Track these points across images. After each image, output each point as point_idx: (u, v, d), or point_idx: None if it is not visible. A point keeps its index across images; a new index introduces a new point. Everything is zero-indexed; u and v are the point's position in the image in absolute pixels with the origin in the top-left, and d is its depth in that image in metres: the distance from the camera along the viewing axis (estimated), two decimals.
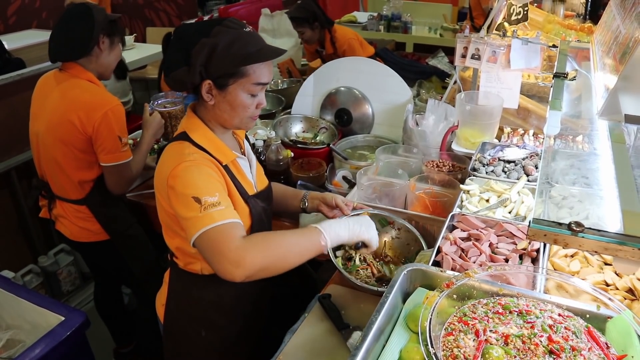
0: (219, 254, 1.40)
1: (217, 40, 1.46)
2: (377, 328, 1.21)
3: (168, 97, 2.59)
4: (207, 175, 1.48)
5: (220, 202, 1.45)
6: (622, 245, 0.89)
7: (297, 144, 2.70)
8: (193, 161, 1.48)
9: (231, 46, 1.47)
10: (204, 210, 1.42)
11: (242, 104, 1.55)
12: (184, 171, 1.46)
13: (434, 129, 2.42)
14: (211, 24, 1.51)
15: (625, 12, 1.62)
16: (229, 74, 1.50)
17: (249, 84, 1.52)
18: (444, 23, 5.64)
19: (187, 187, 1.45)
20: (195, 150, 1.53)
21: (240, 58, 1.48)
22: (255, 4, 4.93)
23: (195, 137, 1.56)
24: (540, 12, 4.10)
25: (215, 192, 1.46)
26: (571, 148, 1.57)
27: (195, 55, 1.46)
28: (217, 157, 1.56)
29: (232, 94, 1.53)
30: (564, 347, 1.10)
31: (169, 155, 1.55)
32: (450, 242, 1.61)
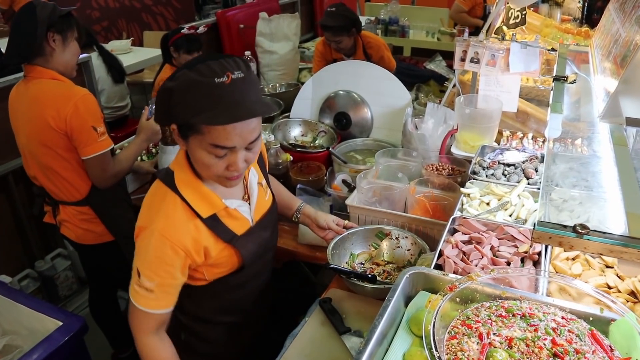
0: (134, 325, 1.50)
1: (174, 85, 1.33)
2: (380, 332, 1.20)
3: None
4: (159, 257, 1.42)
5: (155, 290, 1.44)
6: (627, 247, 0.89)
7: (296, 147, 2.69)
8: (158, 233, 1.41)
9: (186, 93, 1.32)
10: (137, 286, 1.45)
11: (202, 162, 1.41)
12: (143, 240, 1.43)
13: (433, 132, 2.42)
14: (184, 65, 1.37)
15: (625, 16, 1.62)
16: (186, 125, 1.36)
17: (206, 143, 1.35)
18: (442, 27, 5.66)
19: (138, 256, 1.45)
20: (172, 209, 1.44)
21: (191, 111, 1.32)
22: (253, 8, 4.92)
23: (179, 183, 1.47)
24: (538, 17, 4.12)
25: (155, 278, 1.43)
26: (571, 151, 1.57)
27: (157, 97, 1.39)
28: (197, 210, 1.46)
29: (191, 148, 1.41)
30: (568, 350, 1.10)
31: (150, 200, 1.50)
32: (452, 245, 1.61)
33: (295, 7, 6.02)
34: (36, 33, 2.10)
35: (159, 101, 1.39)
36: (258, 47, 4.35)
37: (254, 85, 1.38)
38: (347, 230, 1.95)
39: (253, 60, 3.85)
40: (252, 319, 1.80)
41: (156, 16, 6.98)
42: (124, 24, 6.76)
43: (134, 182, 2.70)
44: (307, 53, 5.01)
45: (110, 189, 2.32)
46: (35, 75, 2.18)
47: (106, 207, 2.39)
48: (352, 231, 1.96)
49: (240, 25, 4.57)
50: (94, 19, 6.45)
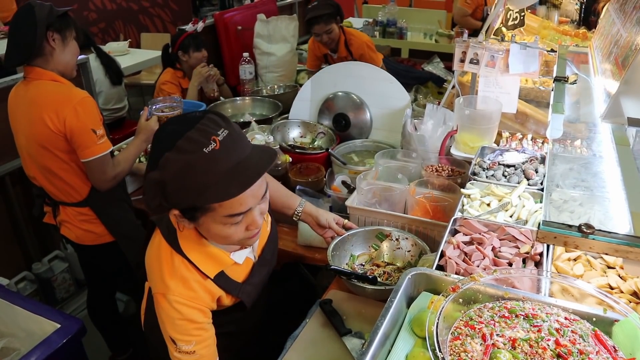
0: None
1: (164, 176, 1.21)
2: (383, 333, 1.19)
3: (167, 101, 2.52)
4: (185, 319, 1.39)
5: (195, 350, 1.41)
6: (633, 246, 0.88)
7: (295, 148, 2.68)
8: (176, 298, 1.38)
9: (181, 180, 1.21)
10: (178, 352, 1.41)
11: (220, 235, 1.35)
12: (166, 309, 1.39)
13: (432, 133, 2.42)
14: (162, 148, 1.23)
15: (625, 17, 1.62)
16: (193, 207, 1.27)
17: (220, 217, 1.29)
18: (439, 29, 5.66)
19: (166, 325, 1.41)
20: (184, 271, 1.40)
21: (195, 194, 1.22)
22: (251, 10, 4.91)
23: (184, 246, 1.41)
24: (535, 18, 4.13)
25: (192, 339, 1.40)
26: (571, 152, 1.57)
27: (147, 192, 1.25)
28: (205, 271, 1.43)
29: (204, 227, 1.34)
30: (572, 350, 1.09)
31: (159, 263, 1.43)
32: (454, 246, 1.60)
33: (293, 9, 6.02)
34: (36, 33, 2.08)
35: (150, 194, 1.25)
36: (256, 48, 4.34)
37: (240, 135, 1.29)
38: (347, 232, 1.94)
39: (251, 62, 3.85)
40: (250, 325, 1.78)
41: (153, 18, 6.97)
42: (121, 25, 6.75)
43: (134, 183, 2.68)
44: (305, 55, 5.00)
45: (110, 190, 2.30)
46: (34, 76, 2.16)
47: (106, 208, 2.38)
48: (352, 232, 1.95)
49: (238, 27, 4.56)
50: (91, 20, 6.44)
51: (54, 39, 2.14)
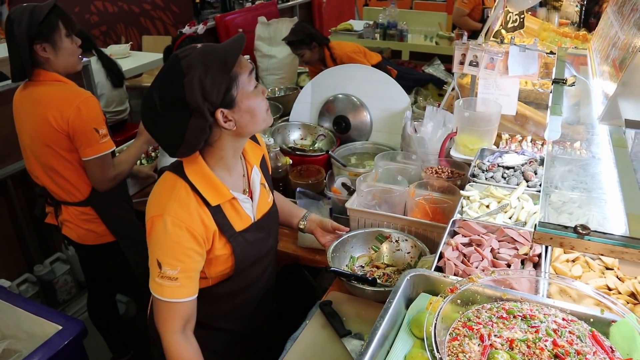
0: (160, 323, 1.48)
1: (195, 71, 1.35)
2: (382, 334, 1.20)
3: None
4: (177, 241, 1.42)
5: (179, 277, 1.43)
6: (628, 247, 0.89)
7: (295, 151, 2.69)
8: (172, 218, 1.41)
9: (208, 63, 1.37)
10: (160, 278, 1.43)
11: (255, 102, 1.45)
12: (159, 228, 1.43)
13: (432, 135, 2.42)
14: (176, 68, 1.38)
15: (623, 19, 1.63)
16: (227, 87, 1.39)
17: (246, 79, 1.43)
18: (440, 31, 5.68)
19: (156, 247, 1.44)
20: (183, 194, 1.45)
21: (223, 67, 1.38)
22: (252, 12, 4.94)
23: (189, 172, 1.48)
24: (536, 20, 4.14)
25: (178, 265, 1.43)
26: (570, 154, 1.58)
27: (191, 99, 1.35)
28: (206, 198, 1.48)
29: (243, 100, 1.43)
30: (569, 351, 1.10)
31: (159, 189, 1.50)
32: (452, 247, 1.61)
33: (294, 11, 6.04)
34: (19, 53, 2.08)
35: (196, 102, 1.35)
36: (257, 51, 4.36)
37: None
38: (347, 233, 1.95)
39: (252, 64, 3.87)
40: (253, 327, 1.79)
41: (155, 21, 6.98)
42: (123, 28, 6.76)
43: (134, 186, 2.70)
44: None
45: (111, 190, 2.31)
46: (39, 78, 2.18)
47: (108, 208, 2.39)
48: (352, 234, 1.96)
49: (239, 29, 4.58)
50: (93, 23, 6.45)
51: (44, 49, 2.12)
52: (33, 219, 3.16)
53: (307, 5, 6.48)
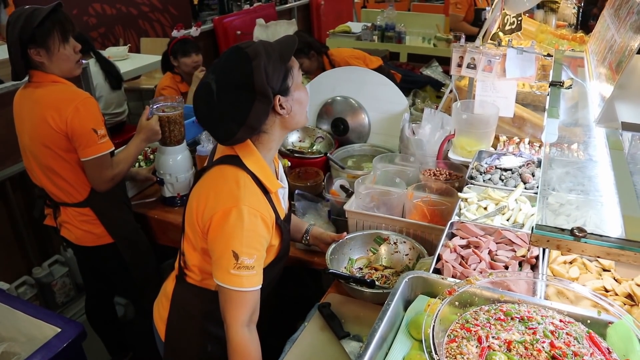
0: (231, 315, 1.48)
1: (261, 58, 1.44)
2: (380, 336, 1.21)
3: (167, 100, 2.51)
4: (253, 230, 1.45)
5: (255, 266, 1.46)
6: (624, 250, 0.90)
7: (294, 153, 2.70)
8: (247, 207, 1.45)
9: (270, 53, 1.48)
10: (237, 269, 1.44)
11: (304, 94, 1.58)
12: (235, 219, 1.44)
13: (430, 137, 2.43)
14: (242, 54, 1.47)
15: (619, 22, 1.64)
16: (285, 75, 1.51)
17: (297, 71, 1.56)
18: (438, 33, 5.68)
19: (231, 238, 1.44)
20: (250, 184, 1.50)
21: (281, 57, 1.50)
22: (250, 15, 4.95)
23: (248, 164, 1.53)
24: (533, 22, 4.15)
25: (255, 253, 1.46)
26: (568, 156, 1.58)
27: (259, 82, 1.43)
28: (267, 185, 1.55)
29: (295, 90, 1.54)
30: (567, 352, 1.11)
31: (223, 183, 1.52)
32: (450, 249, 1.61)
33: (292, 14, 6.05)
34: (14, 57, 2.11)
35: (262, 85, 1.43)
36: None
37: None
38: (346, 236, 1.96)
39: None
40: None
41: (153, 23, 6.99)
42: (121, 30, 6.76)
43: (133, 188, 2.69)
44: None
45: (110, 192, 2.31)
46: (37, 79, 2.18)
47: (106, 209, 2.39)
48: (350, 236, 1.97)
49: (237, 31, 4.59)
50: (91, 25, 6.45)
51: (38, 53, 2.11)
52: (31, 221, 3.16)
53: (305, 7, 6.50)
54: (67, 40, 2.15)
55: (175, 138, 2.49)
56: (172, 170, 2.50)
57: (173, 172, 2.50)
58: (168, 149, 2.51)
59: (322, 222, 2.22)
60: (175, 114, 2.45)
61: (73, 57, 2.20)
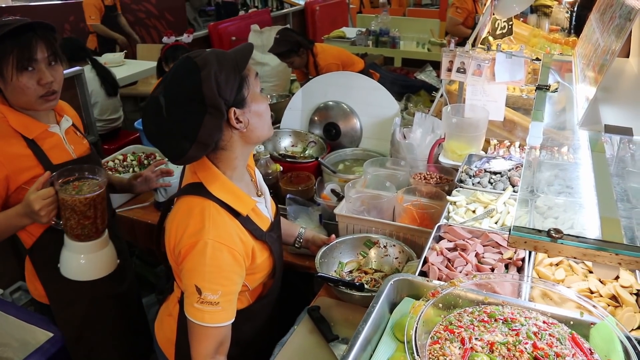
0: (194, 348, 1.46)
1: (211, 66, 1.35)
2: (364, 338, 1.22)
3: (84, 171, 1.78)
4: (217, 265, 1.40)
5: (220, 302, 1.41)
6: (600, 250, 0.91)
7: (286, 158, 2.71)
8: (212, 241, 1.39)
9: (221, 62, 1.38)
10: (200, 304, 1.40)
11: (263, 106, 1.48)
12: (198, 254, 1.39)
13: (421, 141, 2.45)
14: (191, 63, 1.37)
15: (604, 26, 1.66)
16: (239, 86, 1.40)
17: (253, 80, 1.46)
18: (432, 38, 5.71)
19: (193, 272, 1.41)
20: (215, 214, 1.43)
21: (234, 66, 1.40)
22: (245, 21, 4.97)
23: (214, 190, 1.46)
24: (526, 27, 4.18)
25: (219, 289, 1.40)
26: (556, 159, 1.60)
27: (208, 93, 1.33)
28: (237, 209, 1.48)
29: (252, 102, 1.44)
30: (549, 353, 1.12)
31: (187, 216, 1.44)
32: (437, 252, 1.63)
33: (287, 19, 6.08)
34: None
35: (212, 96, 1.34)
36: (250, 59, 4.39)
37: None
38: (336, 240, 1.97)
39: None
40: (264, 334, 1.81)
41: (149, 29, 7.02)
42: None
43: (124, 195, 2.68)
44: None
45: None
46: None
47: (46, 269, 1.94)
48: (340, 240, 1.98)
49: (232, 37, 4.62)
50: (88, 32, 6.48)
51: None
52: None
53: (300, 13, 6.53)
54: (24, 69, 1.67)
55: (73, 231, 1.75)
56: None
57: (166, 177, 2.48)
58: (69, 243, 1.80)
59: (314, 226, 2.23)
60: (76, 199, 1.69)
61: (34, 90, 1.71)
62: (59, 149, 1.88)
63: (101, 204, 1.77)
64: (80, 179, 1.76)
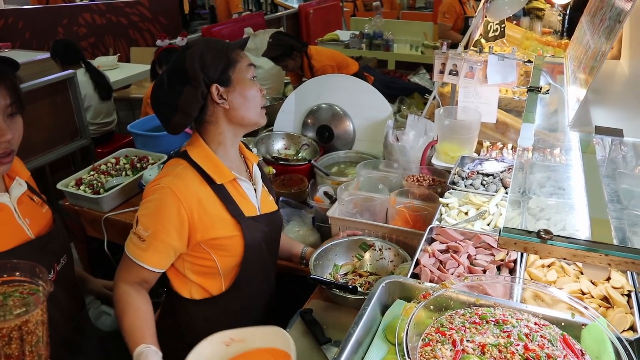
0: (118, 272, 1.58)
1: (198, 47, 1.54)
2: (355, 340, 1.21)
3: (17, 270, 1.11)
4: (159, 207, 1.51)
5: (146, 240, 1.51)
6: (590, 251, 0.91)
7: (279, 160, 2.71)
8: (163, 187, 1.51)
9: (210, 45, 1.56)
10: (133, 234, 1.54)
11: (251, 91, 1.59)
12: (152, 193, 1.53)
13: (414, 144, 2.45)
14: (184, 46, 1.60)
15: (594, 28, 1.66)
16: (225, 66, 1.55)
17: (244, 66, 1.60)
18: (425, 40, 5.73)
19: (142, 206, 1.55)
20: (181, 170, 1.56)
21: (223, 50, 1.56)
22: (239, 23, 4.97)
23: (193, 154, 1.59)
24: (519, 29, 4.19)
25: (150, 228, 1.51)
26: (548, 160, 1.60)
27: (190, 67, 1.51)
28: (212, 175, 1.58)
29: (238, 83, 1.57)
30: (540, 355, 1.12)
31: (164, 169, 1.63)
32: (429, 254, 1.62)
33: (281, 22, 6.08)
34: None
35: (193, 71, 1.51)
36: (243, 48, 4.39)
37: None
38: (330, 242, 1.97)
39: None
40: None
41: (143, 32, 7.02)
42: (111, 40, 6.79)
43: (118, 197, 2.67)
44: None
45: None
46: None
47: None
48: (335, 242, 1.98)
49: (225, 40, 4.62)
50: (81, 35, 6.47)
51: None
52: None
53: (294, 16, 6.53)
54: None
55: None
56: None
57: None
58: None
59: (306, 229, 2.22)
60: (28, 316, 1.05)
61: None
62: (8, 227, 1.37)
63: (34, 334, 1.07)
64: (8, 283, 1.11)
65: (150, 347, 1.43)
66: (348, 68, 4.02)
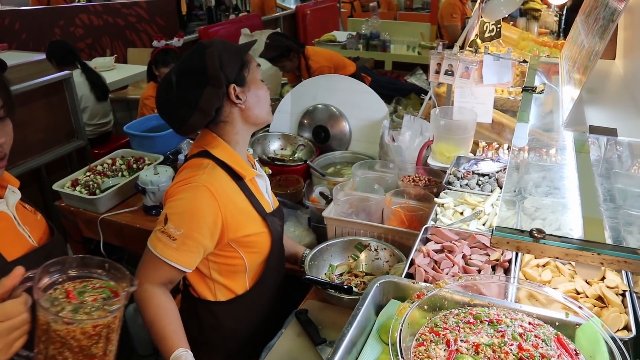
0: (140, 272, 1.55)
1: (216, 47, 1.54)
2: (349, 340, 1.21)
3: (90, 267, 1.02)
4: (193, 205, 1.50)
5: (177, 239, 1.49)
6: (582, 250, 0.91)
7: (275, 161, 2.71)
8: (199, 186, 1.51)
9: (226, 46, 1.57)
10: (160, 232, 1.51)
11: (262, 91, 1.64)
12: (183, 191, 1.52)
13: (409, 144, 2.45)
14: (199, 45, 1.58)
15: (588, 28, 1.66)
16: (241, 66, 1.58)
17: (255, 67, 1.63)
18: (422, 41, 5.74)
19: (171, 203, 1.53)
20: (215, 168, 1.57)
21: (238, 50, 1.59)
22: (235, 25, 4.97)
23: (217, 153, 1.59)
24: (515, 30, 4.20)
25: (182, 228, 1.49)
26: (543, 160, 1.60)
27: (211, 66, 1.51)
28: (239, 171, 1.61)
29: (252, 84, 1.60)
30: (534, 354, 1.12)
31: (186, 171, 1.60)
32: (424, 254, 1.62)
33: (278, 23, 6.08)
34: None
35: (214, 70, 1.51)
36: None
37: None
38: (326, 242, 1.96)
39: None
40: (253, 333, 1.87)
41: (140, 33, 7.01)
42: (108, 41, 6.78)
43: (115, 197, 2.67)
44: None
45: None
46: None
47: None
48: (330, 243, 1.97)
49: None
50: (78, 36, 6.46)
51: None
52: None
53: (291, 17, 6.53)
54: None
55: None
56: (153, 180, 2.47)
57: (155, 181, 2.48)
58: None
59: (302, 230, 2.22)
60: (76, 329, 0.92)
61: None
62: (12, 236, 1.30)
63: (116, 332, 1.00)
64: (79, 278, 1.01)
65: (188, 351, 1.48)
66: (345, 69, 4.02)
